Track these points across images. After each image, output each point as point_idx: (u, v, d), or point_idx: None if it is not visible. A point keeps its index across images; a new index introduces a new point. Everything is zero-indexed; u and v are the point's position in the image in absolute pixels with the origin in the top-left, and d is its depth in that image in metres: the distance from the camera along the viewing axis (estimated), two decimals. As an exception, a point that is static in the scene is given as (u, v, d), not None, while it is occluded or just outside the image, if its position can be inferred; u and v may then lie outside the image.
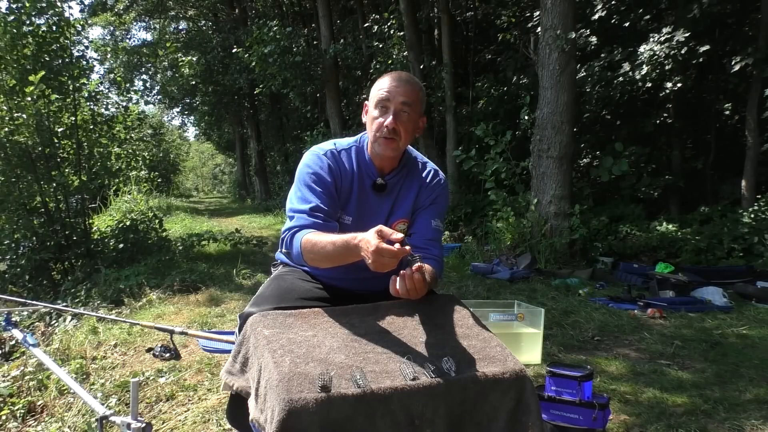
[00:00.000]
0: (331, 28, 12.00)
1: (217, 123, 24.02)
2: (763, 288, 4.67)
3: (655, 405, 2.52)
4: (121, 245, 6.53)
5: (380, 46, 11.21)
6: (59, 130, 6.17)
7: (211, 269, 6.09)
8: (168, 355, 2.58)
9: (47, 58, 6.00)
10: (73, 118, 6.28)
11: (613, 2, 8.76)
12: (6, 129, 5.71)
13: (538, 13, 7.05)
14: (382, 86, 1.62)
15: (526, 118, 7.06)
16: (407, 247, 1.29)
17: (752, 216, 6.50)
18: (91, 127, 6.55)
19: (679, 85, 7.89)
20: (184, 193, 28.38)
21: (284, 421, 1.11)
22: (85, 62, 6.52)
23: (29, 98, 5.66)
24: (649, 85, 8.21)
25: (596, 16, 8.47)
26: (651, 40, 7.69)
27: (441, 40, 10.52)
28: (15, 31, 5.65)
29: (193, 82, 17.04)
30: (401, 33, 10.37)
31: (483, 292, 4.97)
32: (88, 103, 6.58)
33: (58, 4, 6.05)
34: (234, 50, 12.29)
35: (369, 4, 13.89)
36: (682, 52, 7.39)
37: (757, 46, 7.09)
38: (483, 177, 7.34)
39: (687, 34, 7.28)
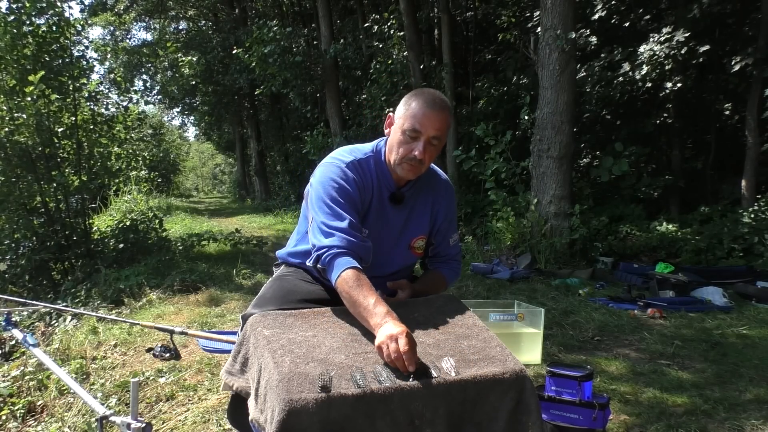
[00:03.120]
0: (331, 28, 12.00)
1: (217, 123, 24.01)
2: (763, 288, 4.67)
3: (655, 405, 2.52)
4: (121, 245, 6.53)
5: (380, 46, 11.21)
6: (59, 130, 6.17)
7: (211, 269, 6.09)
8: (168, 355, 2.58)
9: (47, 58, 6.01)
10: (73, 118, 6.28)
11: (613, 2, 8.77)
12: (6, 129, 5.72)
13: (538, 13, 7.05)
14: (414, 113, 1.56)
15: (526, 118, 7.06)
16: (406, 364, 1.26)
17: (752, 216, 6.49)
18: (91, 127, 6.56)
19: (679, 85, 7.89)
20: (184, 193, 28.38)
21: (284, 421, 1.11)
22: (85, 62, 6.52)
23: (29, 98, 5.66)
24: (649, 85, 8.21)
25: (596, 16, 8.48)
26: (651, 40, 7.69)
27: (441, 40, 10.51)
28: (15, 31, 5.65)
29: (193, 82, 17.03)
30: (401, 33, 10.37)
31: (483, 292, 4.98)
32: (88, 103, 6.58)
33: (58, 4, 6.05)
34: (234, 50, 12.29)
35: (369, 4, 13.89)
36: (682, 52, 7.39)
37: (757, 46, 7.08)
38: (483, 177, 7.34)
39: (687, 34, 7.28)
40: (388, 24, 10.77)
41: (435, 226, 1.78)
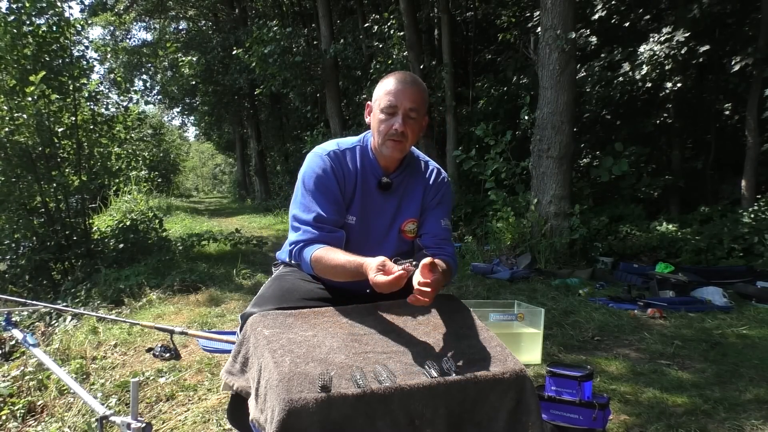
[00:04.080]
0: (331, 28, 12.00)
1: (217, 123, 24.00)
2: (763, 288, 4.67)
3: (655, 405, 2.52)
4: (121, 245, 6.53)
5: (380, 46, 11.20)
6: (59, 130, 6.18)
7: (211, 269, 6.09)
8: (168, 355, 2.57)
9: (47, 58, 6.01)
10: (73, 118, 6.28)
11: (613, 2, 8.76)
12: (6, 129, 5.72)
13: (538, 13, 7.05)
14: (388, 90, 1.61)
15: (526, 118, 7.05)
16: (403, 271, 1.32)
17: (752, 216, 6.49)
18: (91, 127, 6.56)
19: (679, 85, 7.88)
20: (184, 193, 28.37)
21: (284, 421, 1.11)
22: (85, 62, 6.52)
23: (29, 98, 5.66)
24: (649, 85, 8.20)
25: (596, 16, 8.48)
26: (651, 40, 7.69)
27: (441, 40, 10.51)
28: (15, 31, 5.65)
29: (193, 82, 17.03)
30: (401, 33, 10.35)
31: (483, 292, 4.97)
32: (88, 103, 6.58)
33: (58, 4, 6.05)
34: (234, 50, 12.29)
35: (369, 4, 13.88)
36: (682, 52, 7.39)
37: (757, 46, 7.08)
38: (483, 177, 7.34)
39: (687, 34, 7.27)
40: (388, 24, 10.76)
41: (423, 204, 1.75)
